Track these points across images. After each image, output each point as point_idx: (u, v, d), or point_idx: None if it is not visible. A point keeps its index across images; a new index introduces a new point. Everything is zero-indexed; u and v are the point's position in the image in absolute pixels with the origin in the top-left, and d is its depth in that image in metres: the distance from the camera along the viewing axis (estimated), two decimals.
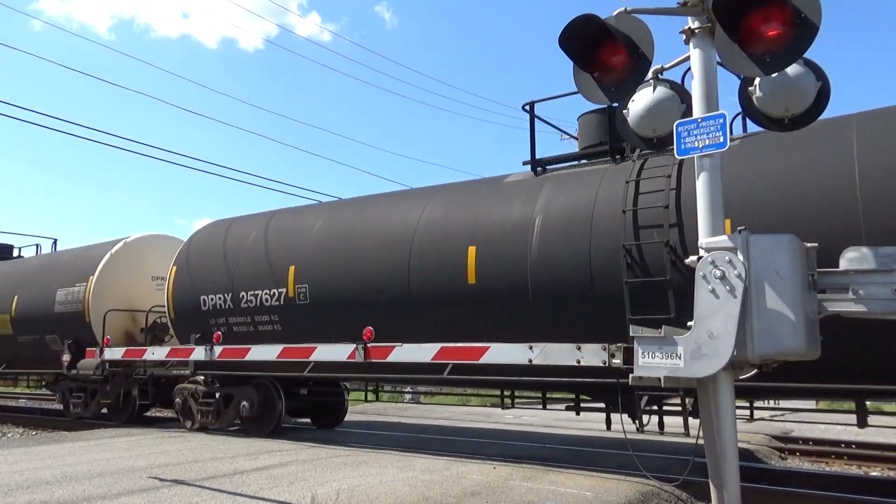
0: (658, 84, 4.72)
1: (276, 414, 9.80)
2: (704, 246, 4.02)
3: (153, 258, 13.40)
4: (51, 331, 13.14)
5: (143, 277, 13.11)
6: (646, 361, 4.10)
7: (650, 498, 5.82)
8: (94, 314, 12.35)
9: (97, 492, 5.74)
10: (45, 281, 13.62)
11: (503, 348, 6.35)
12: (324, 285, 8.87)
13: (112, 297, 12.56)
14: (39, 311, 13.39)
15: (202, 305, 10.32)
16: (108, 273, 12.68)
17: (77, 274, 13.01)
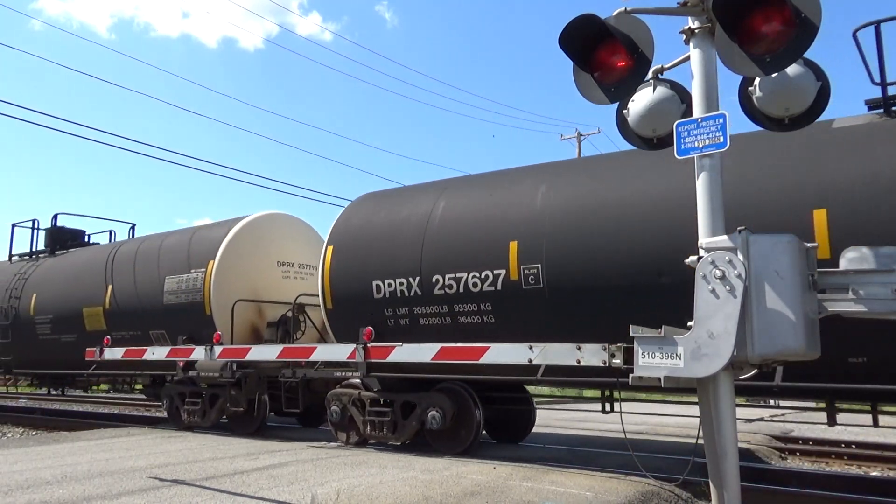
0: (658, 84, 4.71)
1: (474, 427, 8.05)
2: (704, 246, 4.02)
3: (277, 241, 11.45)
4: (157, 325, 11.28)
5: (269, 263, 11.18)
6: (646, 361, 4.09)
7: (650, 498, 5.82)
8: (217, 305, 10.45)
9: (97, 492, 5.74)
10: (147, 268, 11.65)
11: (503, 348, 6.33)
12: (566, 264, 7.01)
13: (237, 285, 10.65)
14: (143, 303, 11.46)
15: (374, 293, 8.49)
16: (230, 257, 10.71)
17: (192, 258, 11.00)
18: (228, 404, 10.23)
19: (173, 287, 11.03)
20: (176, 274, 11.06)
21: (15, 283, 14.11)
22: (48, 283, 13.47)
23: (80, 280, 12.75)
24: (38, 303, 13.37)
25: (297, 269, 11.59)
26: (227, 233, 10.87)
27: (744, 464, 6.65)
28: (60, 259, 14.17)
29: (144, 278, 11.58)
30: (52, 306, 13.05)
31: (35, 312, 13.35)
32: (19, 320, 13.78)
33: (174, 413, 11.18)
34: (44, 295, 13.38)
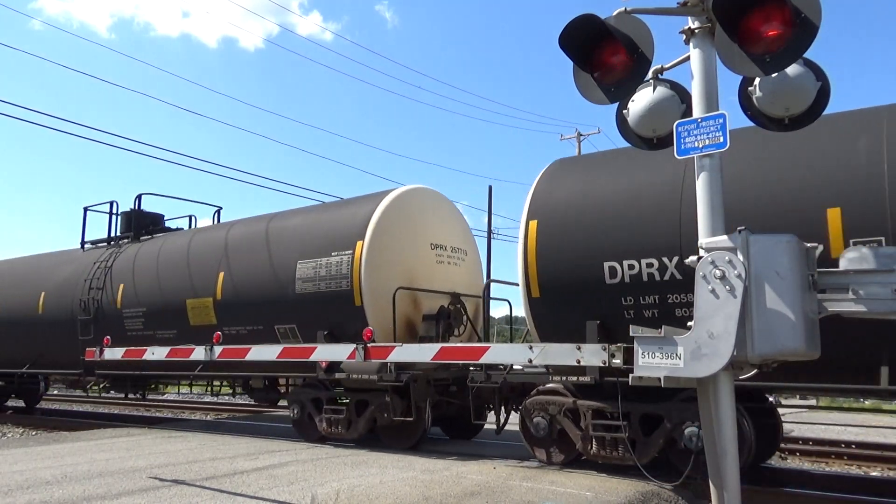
0: (658, 84, 4.71)
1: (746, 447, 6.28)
2: (704, 246, 4.02)
3: (428, 219, 9.85)
4: (285, 318, 9.53)
5: (422, 245, 9.59)
6: (646, 361, 4.09)
7: (650, 498, 5.82)
8: (369, 293, 8.75)
9: (97, 492, 5.74)
10: (272, 252, 9.87)
11: (503, 348, 6.34)
12: None
13: (392, 270, 9.02)
14: (266, 293, 9.73)
15: (607, 277, 6.89)
16: (382, 237, 9.01)
17: (333, 239, 9.23)
18: (385, 413, 8.51)
19: (308, 273, 9.23)
20: (311, 258, 9.28)
21: (95, 272, 12.42)
22: (138, 271, 11.80)
23: (180, 268, 11.07)
24: (126, 294, 11.75)
25: (449, 253, 10.01)
26: (376, 208, 9.14)
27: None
28: (149, 245, 12.38)
29: (268, 264, 9.78)
30: (145, 298, 11.42)
31: (123, 305, 11.72)
32: (103, 314, 12.10)
33: (305, 423, 9.51)
34: (133, 285, 11.72)
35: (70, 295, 12.76)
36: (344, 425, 8.90)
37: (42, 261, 14.77)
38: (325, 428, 9.09)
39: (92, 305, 12.25)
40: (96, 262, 12.69)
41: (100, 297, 12.20)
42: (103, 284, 12.25)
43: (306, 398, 9.45)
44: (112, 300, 12.01)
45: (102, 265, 12.53)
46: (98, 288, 12.28)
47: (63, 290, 13.06)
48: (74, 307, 12.53)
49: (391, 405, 8.42)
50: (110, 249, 13.08)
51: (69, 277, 13.12)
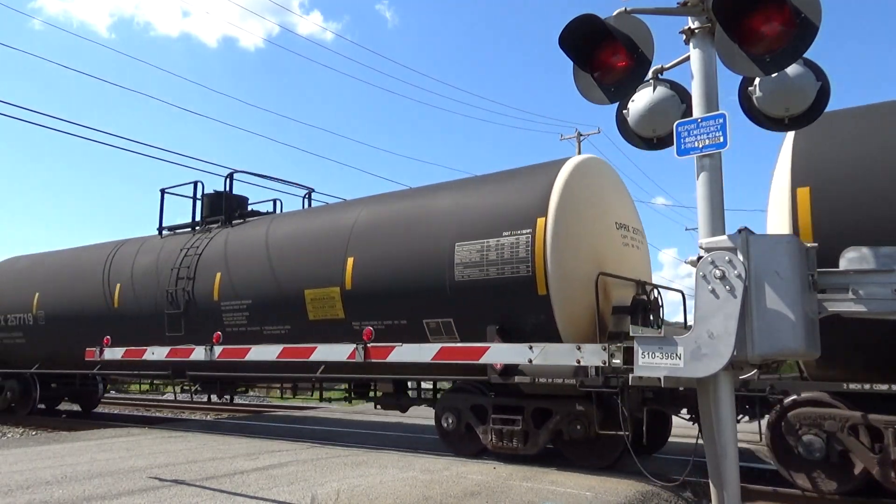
0: (658, 84, 4.72)
1: None
2: (704, 246, 4.02)
3: (608, 195, 8.43)
4: (439, 311, 8.07)
5: (608, 224, 8.14)
6: (646, 361, 4.09)
7: (650, 498, 5.82)
8: (557, 280, 7.27)
9: (97, 492, 5.74)
10: (420, 232, 8.36)
11: (504, 348, 6.34)
12: None
13: (581, 253, 7.58)
14: (412, 281, 8.21)
15: None
16: (566, 213, 7.52)
17: (504, 216, 7.74)
18: (577, 425, 7.11)
19: (471, 257, 7.75)
20: (474, 239, 7.82)
21: (183, 260, 11.00)
22: (237, 259, 10.32)
23: (295, 254, 9.58)
24: (223, 285, 10.23)
25: (632, 235, 8.64)
26: (555, 180, 7.66)
27: (744, 464, 6.65)
28: (248, 229, 10.87)
29: (416, 246, 8.31)
30: (249, 289, 9.89)
31: (221, 297, 10.21)
32: (196, 308, 10.60)
33: (461, 434, 7.98)
34: (232, 274, 10.22)
35: (153, 286, 11.29)
36: (520, 438, 7.42)
37: (107, 249, 13.17)
38: (492, 441, 7.61)
39: (182, 298, 10.68)
40: (183, 248, 11.18)
41: (191, 289, 10.64)
42: (194, 274, 10.69)
43: (464, 405, 7.86)
44: (207, 292, 10.44)
45: (192, 252, 10.97)
46: (188, 278, 10.69)
47: (144, 281, 11.60)
48: (160, 300, 11.09)
49: (588, 415, 7.03)
50: (197, 235, 11.52)
51: (151, 267, 11.61)
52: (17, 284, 14.15)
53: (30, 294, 13.63)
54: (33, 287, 13.68)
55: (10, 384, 14.00)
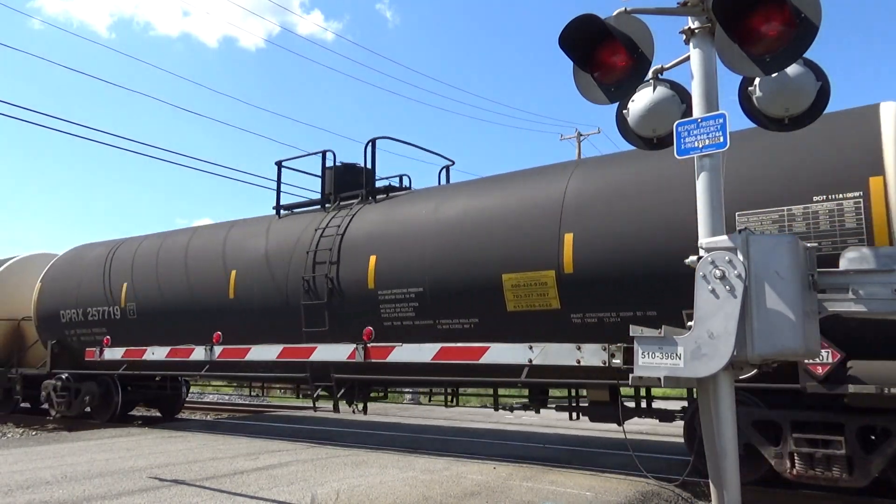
0: (658, 84, 4.72)
1: None
2: (704, 246, 4.02)
3: None
4: None
5: None
6: (646, 361, 4.10)
7: (650, 498, 5.82)
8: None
9: (97, 492, 5.75)
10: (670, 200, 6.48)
11: (503, 348, 6.36)
12: None
13: None
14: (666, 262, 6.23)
15: None
16: None
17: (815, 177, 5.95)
18: None
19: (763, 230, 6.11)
20: (765, 207, 6.08)
21: (319, 242, 9.26)
22: (399, 239, 8.49)
23: (479, 232, 7.80)
24: (381, 270, 8.47)
25: None
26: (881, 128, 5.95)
27: None
28: (400, 206, 9.07)
29: (669, 219, 6.45)
30: (419, 274, 8.08)
31: (378, 285, 8.43)
32: (342, 298, 8.80)
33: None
34: (393, 258, 8.40)
35: (281, 273, 9.49)
36: (842, 466, 5.70)
37: (217, 232, 11.18)
38: (792, 468, 5.86)
39: (323, 286, 8.92)
40: (318, 228, 9.46)
41: (335, 275, 8.89)
42: (338, 257, 8.98)
43: (743, 421, 5.88)
44: (358, 278, 8.64)
45: (331, 233, 9.29)
46: (330, 262, 8.94)
47: (268, 267, 9.80)
48: (292, 289, 9.31)
49: None
50: (331, 213, 9.73)
51: (276, 251, 9.81)
52: (97, 274, 12.32)
53: (116, 284, 11.82)
54: (120, 276, 11.78)
55: (87, 387, 12.14)
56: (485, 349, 6.53)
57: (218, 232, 11.09)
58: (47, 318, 12.90)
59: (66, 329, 12.49)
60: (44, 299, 13.04)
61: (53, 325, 12.74)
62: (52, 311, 12.77)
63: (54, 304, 12.74)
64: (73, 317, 12.38)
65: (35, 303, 13.18)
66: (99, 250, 12.86)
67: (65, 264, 13.31)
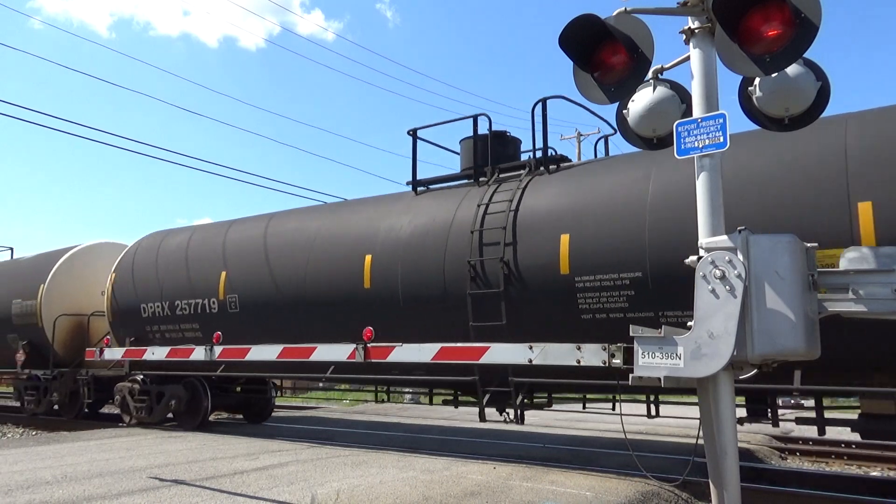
0: (658, 84, 4.72)
1: None
2: (704, 246, 4.02)
3: None
4: None
5: None
6: (646, 361, 4.10)
7: (650, 498, 5.82)
8: None
9: (97, 492, 5.74)
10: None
11: (503, 348, 6.35)
12: None
13: None
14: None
15: None
16: None
17: None
18: None
19: None
20: None
21: (485, 220, 7.70)
22: (591, 216, 6.90)
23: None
24: (577, 252, 6.84)
25: None
26: None
27: (744, 464, 6.65)
28: (586, 175, 7.46)
29: None
30: (631, 257, 6.50)
31: (575, 270, 6.81)
32: (524, 286, 7.22)
33: None
34: (597, 237, 6.77)
35: (434, 257, 7.87)
36: None
37: (338, 213, 9.53)
38: None
39: (497, 272, 7.33)
40: (480, 204, 7.85)
41: (511, 258, 7.29)
42: (513, 237, 7.36)
43: None
44: (545, 262, 7.03)
45: (499, 208, 7.65)
46: (505, 244, 7.35)
47: (416, 250, 8.10)
48: (452, 276, 7.70)
49: None
50: (492, 187, 8.11)
51: (423, 231, 8.16)
52: (184, 262, 10.85)
53: (212, 274, 10.19)
54: (216, 265, 10.21)
55: (172, 390, 10.89)
56: (485, 349, 6.53)
57: (339, 212, 9.51)
58: (125, 313, 11.52)
59: (148, 325, 11.13)
60: (120, 292, 11.64)
61: (132, 321, 11.35)
62: (130, 305, 11.38)
63: (133, 297, 11.35)
64: (156, 311, 10.93)
65: (109, 296, 11.80)
66: (183, 236, 11.40)
67: (143, 252, 11.76)
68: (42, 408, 13.63)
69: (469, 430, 11.31)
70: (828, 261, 5.13)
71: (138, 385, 11.16)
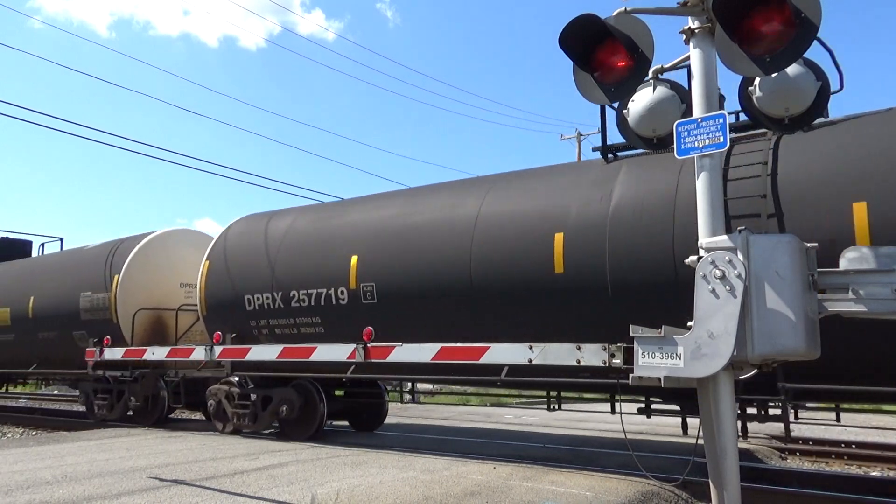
0: (658, 84, 4.73)
1: None
2: (704, 246, 4.02)
3: None
4: None
5: None
6: (646, 361, 4.10)
7: (650, 498, 5.82)
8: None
9: (97, 492, 5.74)
10: None
11: (503, 348, 6.34)
12: None
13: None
14: None
15: None
16: None
17: None
18: None
19: None
20: None
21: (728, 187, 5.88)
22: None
23: None
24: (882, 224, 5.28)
25: None
26: None
27: (744, 464, 6.65)
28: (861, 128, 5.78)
29: None
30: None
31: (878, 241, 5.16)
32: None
33: None
34: None
35: (660, 236, 6.29)
36: None
37: (507, 187, 8.02)
38: None
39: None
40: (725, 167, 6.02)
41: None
42: (777, 209, 5.81)
43: None
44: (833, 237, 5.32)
45: (746, 173, 5.95)
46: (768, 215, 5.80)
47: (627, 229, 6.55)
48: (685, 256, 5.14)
49: None
50: None
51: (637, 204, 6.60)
52: (300, 247, 9.29)
53: (340, 258, 8.69)
54: (345, 247, 8.72)
55: (282, 394, 9.35)
56: (485, 349, 6.52)
57: (504, 187, 8.02)
58: (223, 306, 10.02)
59: (254, 319, 9.60)
60: (216, 283, 10.15)
61: (233, 315, 9.83)
62: (230, 296, 9.87)
63: (233, 287, 9.84)
64: (265, 303, 9.41)
65: (203, 287, 10.34)
66: (286, 220, 9.95)
67: (244, 237, 10.26)
68: (116, 413, 11.88)
69: (469, 430, 11.31)
70: None
71: (237, 388, 9.72)
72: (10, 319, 13.77)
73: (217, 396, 9.93)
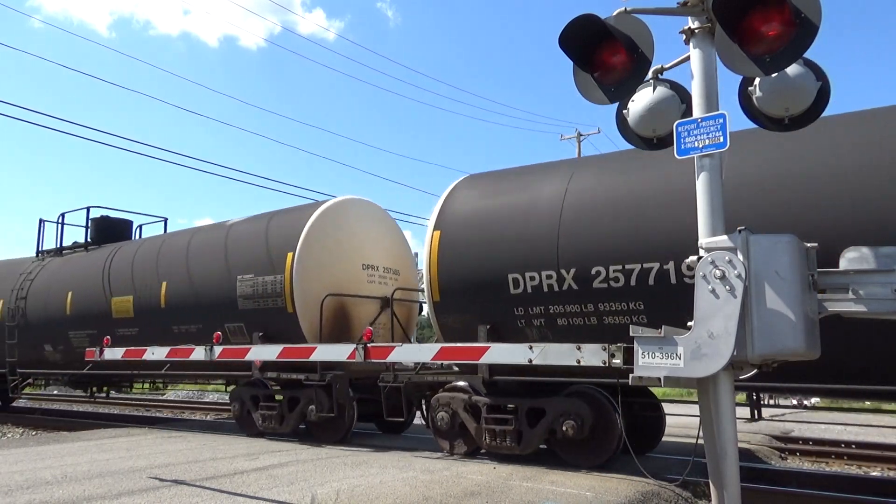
0: (658, 84, 4.72)
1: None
2: (704, 246, 4.02)
3: None
4: None
5: None
6: (646, 361, 4.09)
7: (650, 498, 5.82)
8: None
9: (97, 492, 5.75)
10: None
11: (503, 348, 6.33)
12: None
13: None
14: None
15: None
16: None
17: None
18: None
19: None
20: None
21: None
22: None
23: None
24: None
25: None
26: None
27: (744, 464, 6.66)
28: None
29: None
30: None
31: None
32: None
33: None
34: None
35: None
36: None
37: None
38: None
39: None
40: None
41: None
42: None
43: None
44: None
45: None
46: None
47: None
48: None
49: None
50: None
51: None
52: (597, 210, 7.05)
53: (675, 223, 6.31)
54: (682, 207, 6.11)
55: (560, 405, 7.17)
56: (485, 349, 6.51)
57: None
58: (468, 290, 7.83)
59: (520, 305, 7.43)
60: (454, 258, 7.94)
61: (485, 301, 7.68)
62: (479, 277, 7.70)
63: (481, 265, 7.69)
64: (547, 284, 7.17)
65: (433, 263, 8.08)
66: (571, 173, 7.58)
67: (487, 201, 8.04)
68: (288, 426, 9.49)
69: None
70: None
71: (484, 398, 7.62)
72: (134, 310, 11.37)
73: (451, 408, 7.78)
